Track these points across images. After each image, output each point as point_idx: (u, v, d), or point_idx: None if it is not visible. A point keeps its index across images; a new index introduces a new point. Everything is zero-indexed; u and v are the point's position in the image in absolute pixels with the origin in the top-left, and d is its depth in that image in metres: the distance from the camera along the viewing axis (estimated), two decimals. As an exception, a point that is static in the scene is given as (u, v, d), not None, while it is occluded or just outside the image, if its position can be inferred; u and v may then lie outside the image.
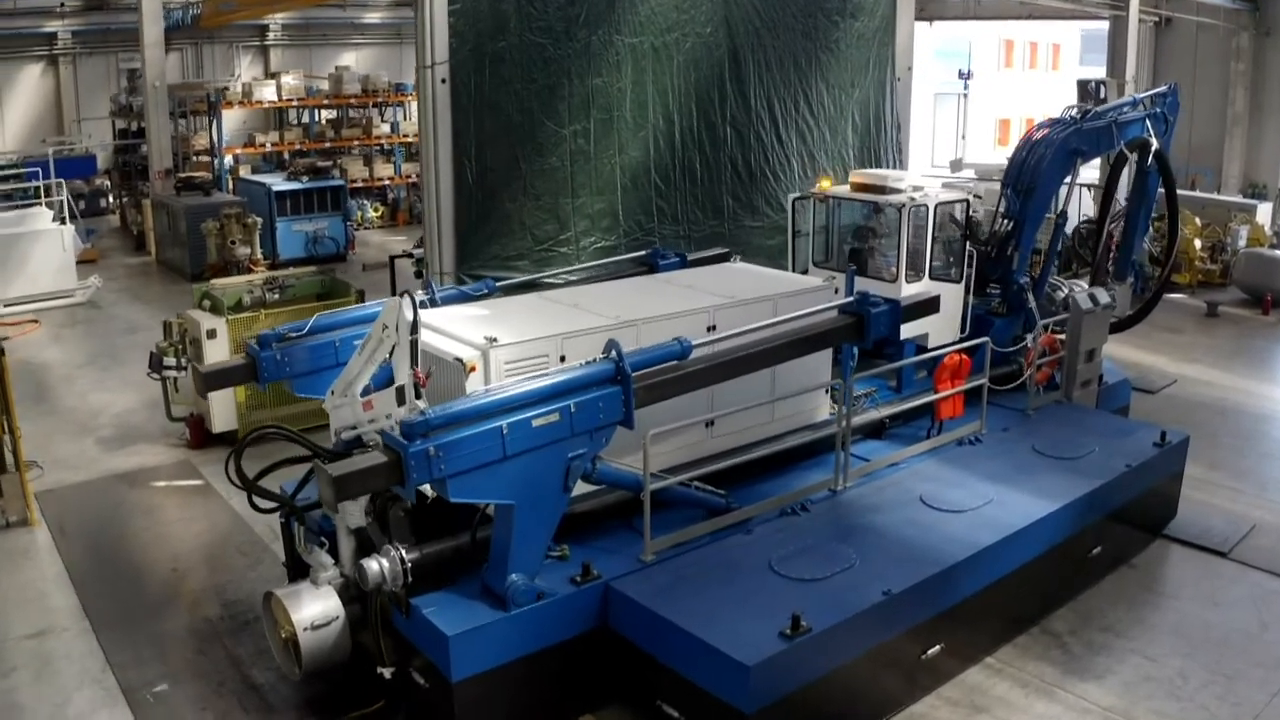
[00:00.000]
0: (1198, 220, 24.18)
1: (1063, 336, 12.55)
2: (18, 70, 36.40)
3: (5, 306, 21.75)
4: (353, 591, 8.41)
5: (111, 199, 35.40)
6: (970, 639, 9.01)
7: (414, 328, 7.98)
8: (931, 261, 11.95)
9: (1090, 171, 18.93)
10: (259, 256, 24.63)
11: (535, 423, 7.62)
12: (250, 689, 9.04)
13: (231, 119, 34.80)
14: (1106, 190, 14.87)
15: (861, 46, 19.38)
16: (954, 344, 11.67)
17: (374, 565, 7.83)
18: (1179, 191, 15.52)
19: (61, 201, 24.57)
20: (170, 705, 8.80)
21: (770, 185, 18.56)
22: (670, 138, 17.34)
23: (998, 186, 13.70)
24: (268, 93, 32.33)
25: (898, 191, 11.83)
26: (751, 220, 18.40)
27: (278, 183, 26.82)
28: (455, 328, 9.06)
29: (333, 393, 8.66)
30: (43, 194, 25.89)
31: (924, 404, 11.13)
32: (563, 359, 8.74)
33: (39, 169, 27.65)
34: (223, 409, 13.83)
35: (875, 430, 11.14)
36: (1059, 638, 9.59)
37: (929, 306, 10.44)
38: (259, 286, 14.86)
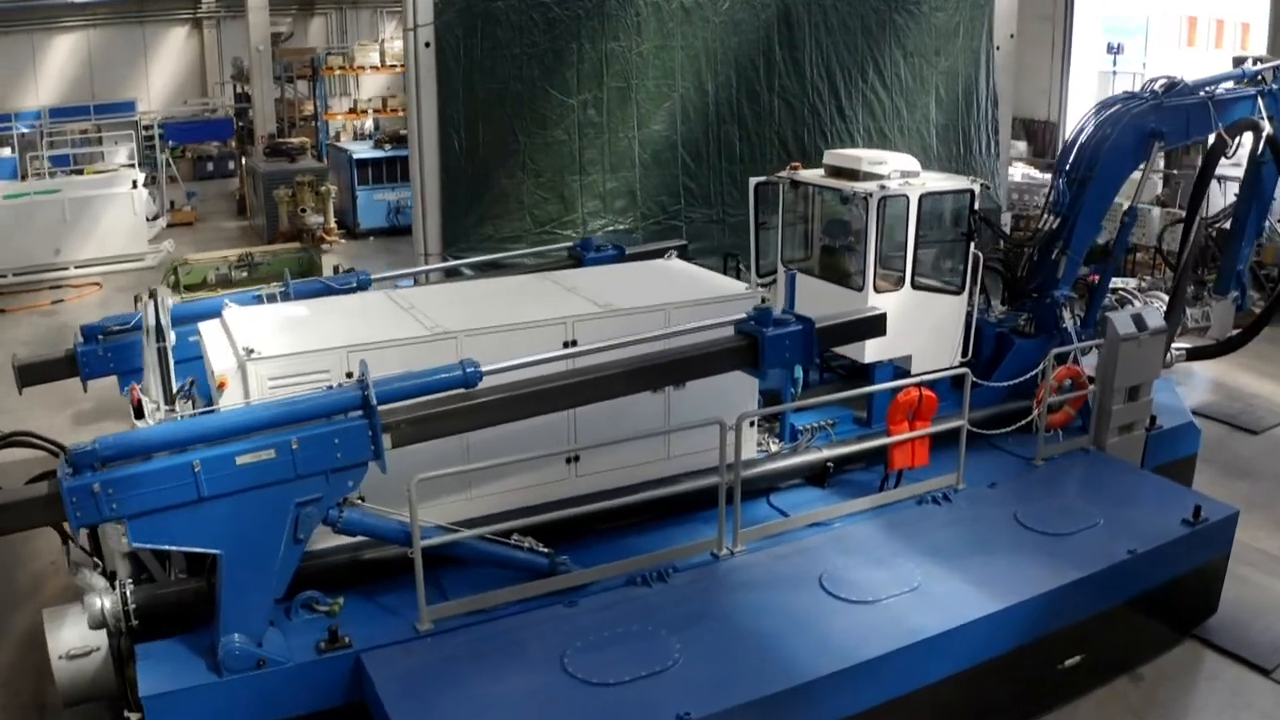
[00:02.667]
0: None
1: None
2: (164, 33, 37.57)
3: (75, 269, 21.92)
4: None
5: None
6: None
7: (159, 334, 7.13)
8: (915, 266, 9.60)
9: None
10: (332, 225, 24.12)
11: (240, 460, 6.25)
12: (37, 707, 8.32)
13: (376, 84, 34.67)
14: (1198, 184, 11.94)
15: (949, 9, 16.70)
16: (933, 372, 9.38)
17: (96, 602, 6.74)
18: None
19: (132, 164, 24.74)
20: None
21: (828, 165, 16.21)
22: (703, 110, 15.35)
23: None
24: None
25: (874, 177, 9.52)
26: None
27: (360, 150, 26.22)
28: (245, 332, 7.63)
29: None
30: (138, 155, 26.17)
31: (877, 447, 8.92)
32: (349, 375, 7.19)
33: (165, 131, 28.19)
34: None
35: (818, 475, 9.03)
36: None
37: (862, 328, 8.28)
38: (229, 263, 13.87)
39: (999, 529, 8.41)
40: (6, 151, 31.19)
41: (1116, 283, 17.16)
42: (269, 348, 7.31)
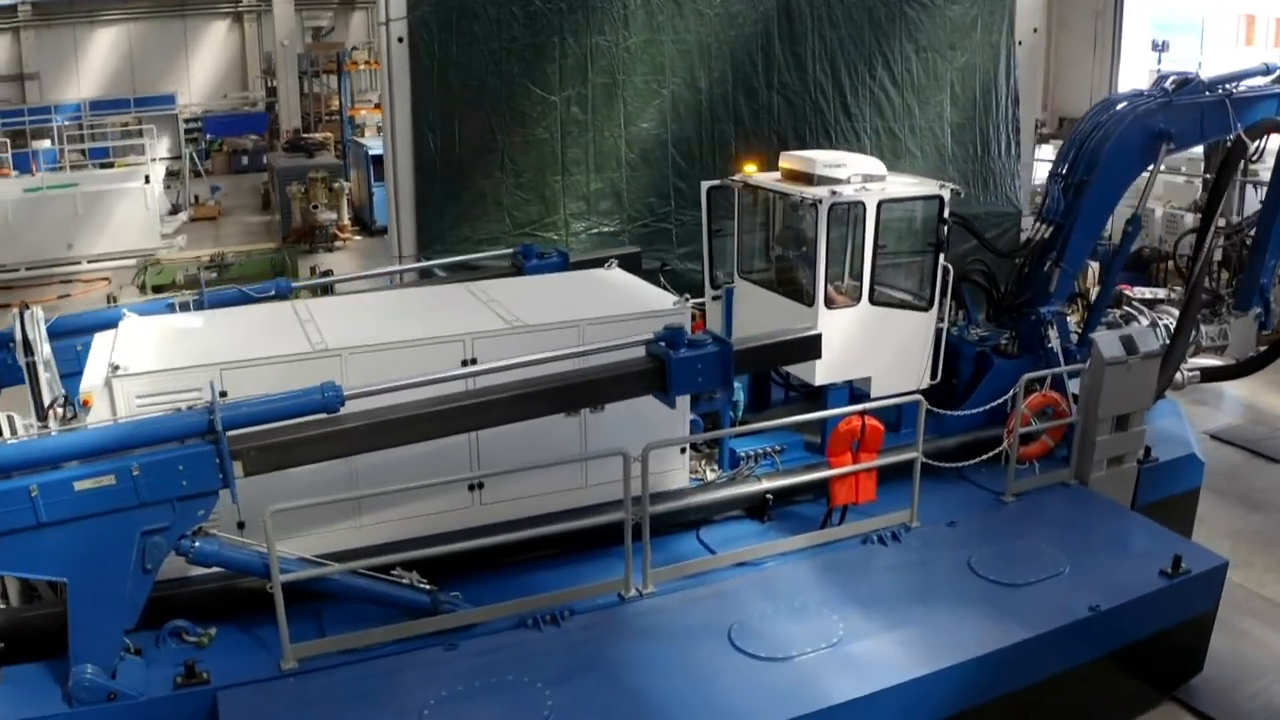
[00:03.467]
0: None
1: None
2: (205, 26, 37.73)
3: (88, 263, 21.86)
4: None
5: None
6: None
7: (26, 348, 6.99)
8: (874, 280, 8.77)
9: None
10: (345, 223, 23.80)
11: (78, 485, 5.86)
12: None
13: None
14: (1214, 190, 10.92)
15: (965, 1, 15.65)
16: (887, 398, 8.58)
17: None
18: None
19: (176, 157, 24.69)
20: None
21: (832, 166, 15.35)
22: (696, 107, 14.56)
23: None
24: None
25: (830, 181, 8.70)
26: (805, 206, 15.33)
27: (377, 145, 25.75)
28: (129, 346, 7.22)
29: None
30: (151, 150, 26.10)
31: (819, 479, 8.15)
32: (224, 394, 6.63)
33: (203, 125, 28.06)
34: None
35: (758, 508, 8.27)
36: None
37: (792, 350, 7.52)
38: (199, 264, 13.49)
39: (947, 576, 7.59)
40: (47, 143, 31.51)
41: (1144, 293, 16.14)
42: (140, 363, 6.87)
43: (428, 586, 6.87)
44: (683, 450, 8.24)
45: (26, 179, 23.26)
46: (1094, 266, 17.70)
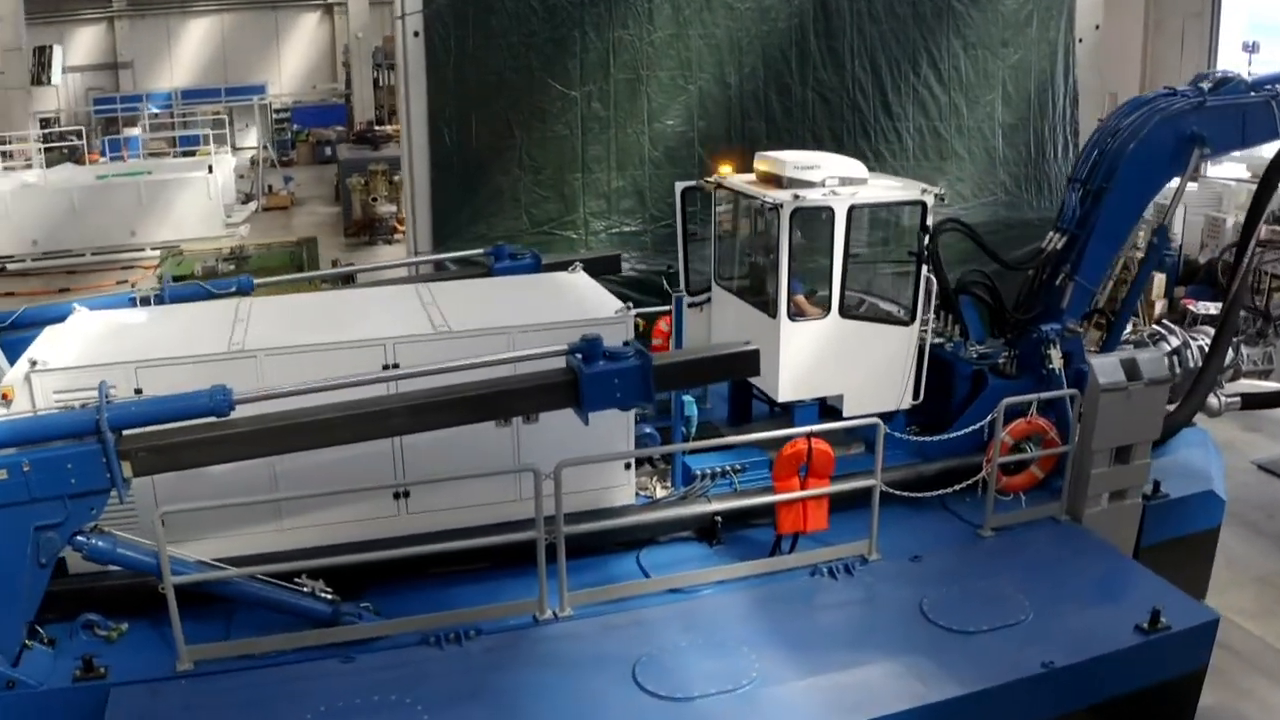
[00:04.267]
0: None
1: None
2: (296, 18, 38.54)
3: (151, 250, 22.40)
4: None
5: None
6: None
7: None
8: (844, 291, 8.19)
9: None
10: (404, 215, 23.91)
11: None
12: None
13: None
14: (1256, 201, 9.97)
15: (1019, -5, 14.81)
16: (854, 419, 8.03)
17: None
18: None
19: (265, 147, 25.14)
20: None
21: (870, 167, 14.59)
22: (724, 104, 14.10)
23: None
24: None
25: (801, 184, 8.14)
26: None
27: (439, 139, 25.91)
28: (62, 340, 7.31)
29: None
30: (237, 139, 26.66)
31: (765, 504, 7.65)
32: (138, 392, 6.64)
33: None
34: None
35: (708, 530, 7.81)
36: None
37: (723, 365, 7.05)
38: (218, 256, 13.61)
39: (892, 617, 7.01)
40: (137, 130, 32.63)
41: (1210, 308, 14.99)
42: (60, 359, 6.84)
43: (330, 596, 6.70)
44: (627, 466, 7.83)
45: (104, 166, 24.01)
46: (1159, 279, 16.80)
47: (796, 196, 7.89)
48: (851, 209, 8.02)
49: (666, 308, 9.80)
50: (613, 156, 13.77)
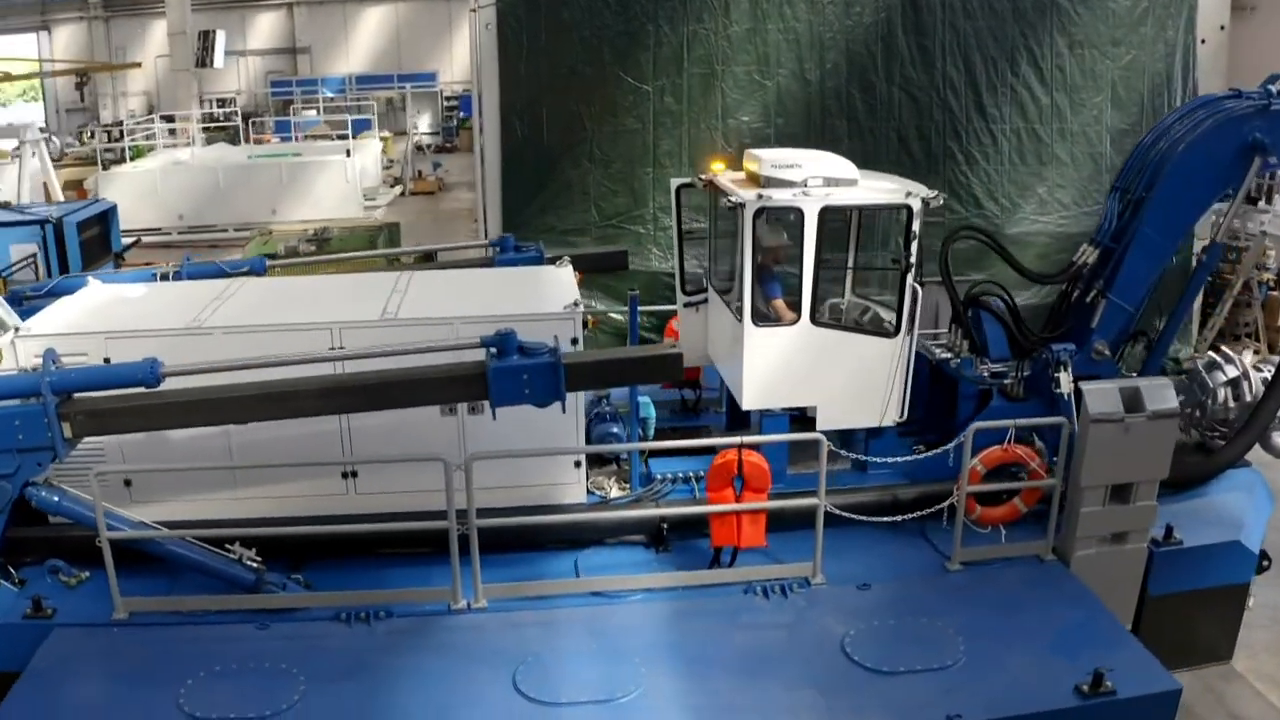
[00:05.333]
0: None
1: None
2: (467, 8, 39.73)
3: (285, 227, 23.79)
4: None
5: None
6: None
7: None
8: (815, 297, 7.85)
9: None
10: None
11: None
12: None
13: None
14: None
15: (1132, -9, 13.73)
16: (833, 431, 7.72)
17: None
18: None
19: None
20: None
21: (961, 170, 14.03)
22: (804, 100, 13.73)
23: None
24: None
25: (779, 184, 7.83)
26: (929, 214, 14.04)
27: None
28: (64, 309, 7.99)
29: None
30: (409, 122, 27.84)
31: (697, 515, 7.48)
32: (107, 360, 7.20)
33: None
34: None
35: (657, 535, 7.70)
36: None
37: (639, 368, 6.90)
38: (301, 237, 14.36)
39: (808, 648, 6.70)
40: (312, 113, 34.57)
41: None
42: (45, 326, 7.44)
43: (256, 564, 7.04)
44: (578, 464, 7.80)
45: (261, 147, 25.59)
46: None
47: (760, 196, 7.63)
48: (825, 211, 7.68)
49: (674, 307, 9.74)
50: (685, 152, 13.64)
